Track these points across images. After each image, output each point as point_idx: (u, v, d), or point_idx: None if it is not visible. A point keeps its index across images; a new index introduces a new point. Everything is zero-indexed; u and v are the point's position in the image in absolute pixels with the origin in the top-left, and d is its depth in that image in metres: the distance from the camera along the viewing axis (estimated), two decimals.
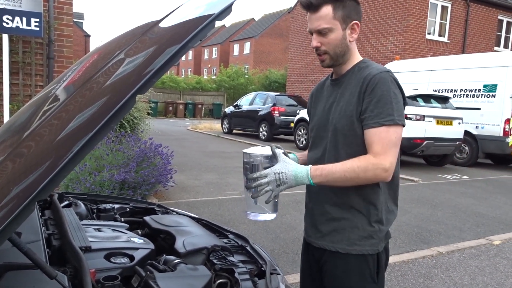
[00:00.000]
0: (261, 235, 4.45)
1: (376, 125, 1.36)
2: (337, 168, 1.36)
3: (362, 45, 17.63)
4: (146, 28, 1.28)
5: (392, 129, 1.37)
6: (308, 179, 1.35)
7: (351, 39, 1.49)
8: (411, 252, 4.23)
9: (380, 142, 1.36)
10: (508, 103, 9.65)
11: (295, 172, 1.34)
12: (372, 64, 1.49)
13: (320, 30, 1.43)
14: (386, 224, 1.49)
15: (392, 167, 1.37)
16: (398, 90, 1.42)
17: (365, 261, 1.45)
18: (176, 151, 7.26)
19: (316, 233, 1.53)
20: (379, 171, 1.35)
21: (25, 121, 1.31)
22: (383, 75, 1.40)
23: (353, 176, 1.35)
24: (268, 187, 1.33)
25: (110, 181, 4.67)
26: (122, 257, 1.33)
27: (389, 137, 1.36)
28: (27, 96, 5.75)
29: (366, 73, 1.43)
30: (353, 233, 1.45)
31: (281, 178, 1.33)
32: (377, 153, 1.35)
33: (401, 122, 1.39)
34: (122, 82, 1.02)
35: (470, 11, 17.25)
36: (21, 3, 5.28)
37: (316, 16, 1.44)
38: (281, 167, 1.34)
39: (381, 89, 1.38)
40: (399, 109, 1.39)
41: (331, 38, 1.45)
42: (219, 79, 33.98)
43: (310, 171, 1.35)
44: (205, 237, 1.58)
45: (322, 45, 1.45)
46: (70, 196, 1.96)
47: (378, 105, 1.37)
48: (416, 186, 7.66)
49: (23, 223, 0.90)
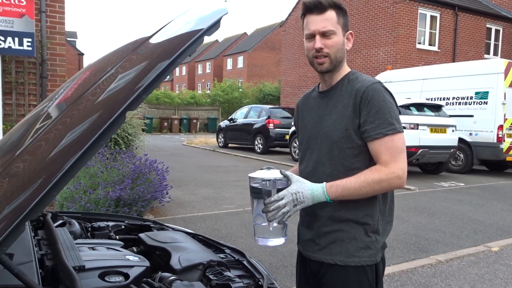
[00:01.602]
0: (258, 248, 4.41)
1: (380, 136, 1.39)
2: (352, 183, 1.37)
3: (354, 56, 17.81)
4: (137, 44, 1.29)
5: (396, 137, 1.40)
6: (325, 196, 1.37)
7: (347, 47, 1.54)
8: (410, 262, 4.21)
9: (388, 151, 1.39)
10: (500, 110, 9.74)
11: (311, 190, 1.36)
12: (362, 75, 1.52)
13: (325, 31, 1.46)
14: (383, 234, 1.49)
15: (405, 173, 1.40)
16: (392, 98, 1.46)
17: (364, 272, 1.45)
18: (172, 167, 7.24)
19: (313, 247, 1.52)
20: (393, 179, 1.38)
21: (17, 139, 1.30)
22: (375, 86, 1.43)
23: (368, 189, 1.38)
24: (285, 208, 1.34)
25: (105, 199, 4.64)
26: (116, 276, 1.31)
27: (396, 145, 1.40)
28: (21, 116, 5.73)
29: (358, 85, 1.45)
30: (351, 244, 1.45)
31: (298, 198, 1.35)
32: (387, 162, 1.38)
33: (401, 130, 1.44)
34: (113, 99, 1.02)
35: (458, 20, 17.52)
36: (13, 24, 5.30)
37: (322, 18, 1.47)
38: (297, 187, 1.36)
39: (377, 100, 1.40)
40: (397, 117, 1.43)
41: (334, 41, 1.47)
42: (213, 93, 34.10)
43: (326, 188, 1.37)
44: (201, 252, 1.56)
45: (325, 47, 1.47)
46: (64, 215, 1.94)
47: (378, 116, 1.40)
48: (413, 195, 7.66)
49: (15, 243, 0.88)
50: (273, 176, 1.39)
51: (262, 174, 1.41)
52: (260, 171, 1.43)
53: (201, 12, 1.23)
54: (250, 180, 1.41)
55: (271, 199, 1.34)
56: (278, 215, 1.33)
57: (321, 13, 1.46)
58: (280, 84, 24.18)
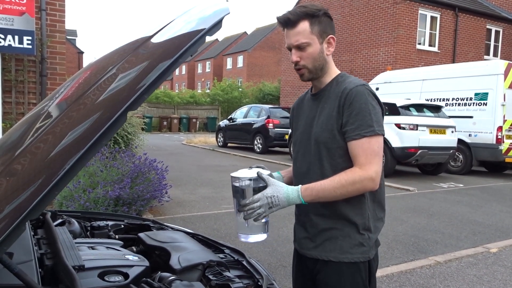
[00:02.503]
0: (258, 248, 4.41)
1: (358, 137, 1.42)
2: (326, 185, 1.41)
3: (354, 56, 17.81)
4: (138, 43, 1.28)
5: (373, 140, 1.42)
6: (300, 199, 1.41)
7: (328, 52, 1.54)
8: (409, 262, 4.21)
9: (364, 153, 1.42)
10: (499, 111, 9.74)
11: (286, 194, 1.40)
12: (349, 77, 1.54)
13: (298, 45, 1.49)
14: (375, 232, 1.53)
15: (378, 175, 1.43)
16: (375, 101, 1.47)
17: (357, 268, 1.49)
18: (171, 166, 7.23)
19: (309, 244, 1.56)
20: (366, 181, 1.41)
21: (18, 138, 1.30)
22: (359, 88, 1.45)
23: (342, 191, 1.41)
24: (260, 210, 1.39)
25: (104, 198, 4.63)
26: (116, 275, 1.31)
27: (372, 147, 1.42)
28: (20, 114, 5.72)
29: (343, 87, 1.49)
30: (345, 241, 1.49)
31: (273, 201, 1.39)
32: (362, 164, 1.41)
33: (381, 132, 1.45)
34: (114, 98, 1.02)
35: (459, 21, 17.53)
36: (13, 22, 5.29)
37: (294, 32, 1.49)
38: (272, 191, 1.40)
39: (359, 102, 1.43)
40: (378, 120, 1.44)
41: (309, 52, 1.50)
42: (213, 92, 34.10)
43: (300, 191, 1.41)
44: (201, 252, 1.56)
45: (301, 60, 1.51)
46: (63, 214, 1.94)
47: (358, 118, 1.43)
48: (412, 196, 7.66)
49: (14, 243, 0.88)
50: (250, 175, 1.44)
51: (241, 174, 1.45)
52: (241, 170, 1.48)
53: (203, 11, 1.22)
54: (232, 179, 1.46)
55: (246, 201, 1.39)
56: (253, 215, 1.39)
57: (293, 27, 1.49)
58: (280, 83, 24.17)
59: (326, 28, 1.52)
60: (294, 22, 1.49)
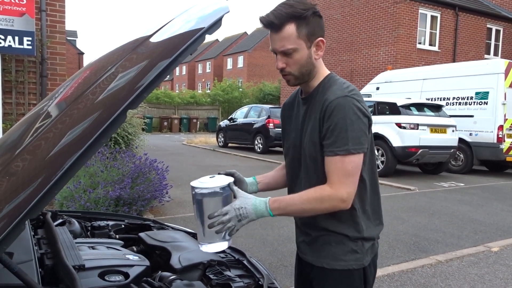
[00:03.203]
0: (258, 248, 4.41)
1: (331, 154, 1.34)
2: (294, 200, 1.35)
3: (355, 56, 17.81)
4: (137, 42, 1.28)
5: (347, 159, 1.32)
6: (268, 212, 1.33)
7: (317, 56, 1.42)
8: (410, 262, 4.21)
9: (336, 172, 1.33)
10: (500, 110, 9.73)
11: (254, 206, 1.33)
12: (335, 83, 1.42)
13: (284, 51, 1.37)
14: (370, 239, 1.47)
15: (350, 196, 1.34)
16: (357, 115, 1.34)
17: (350, 276, 1.44)
18: (172, 166, 7.23)
19: (305, 249, 1.53)
20: (336, 202, 1.33)
21: (17, 138, 1.30)
22: (339, 101, 1.34)
23: (310, 208, 1.34)
24: (230, 224, 1.31)
25: (105, 198, 4.63)
26: (116, 275, 1.30)
27: (345, 167, 1.33)
28: (21, 115, 5.73)
29: (325, 97, 1.39)
30: (338, 248, 1.44)
31: (242, 213, 1.31)
32: (333, 183, 1.33)
33: (357, 151, 1.33)
34: (114, 97, 1.02)
35: (459, 20, 17.51)
36: (14, 23, 5.30)
37: (279, 37, 1.37)
38: (240, 203, 1.32)
39: (336, 117, 1.33)
40: (355, 137, 1.33)
41: (296, 59, 1.38)
42: (214, 93, 34.10)
43: (268, 204, 1.34)
44: (201, 252, 1.56)
45: (287, 66, 1.40)
46: (64, 214, 1.94)
47: (333, 133, 1.34)
48: (413, 195, 7.65)
49: (15, 242, 0.88)
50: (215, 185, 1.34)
51: (206, 184, 1.35)
52: (204, 179, 1.38)
53: (202, 10, 1.22)
54: (192, 190, 1.35)
55: (214, 214, 1.31)
56: (223, 230, 1.31)
57: (278, 32, 1.36)
58: (280, 83, 24.19)
59: (315, 30, 1.39)
60: (279, 26, 1.35)
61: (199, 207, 1.33)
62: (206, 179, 1.37)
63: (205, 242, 1.34)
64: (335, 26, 18.56)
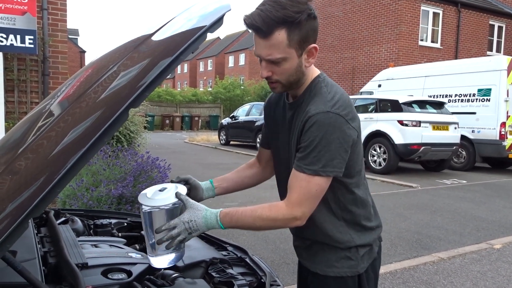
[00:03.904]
0: (261, 246, 4.42)
1: (298, 169, 1.25)
2: (246, 215, 1.28)
3: (356, 54, 17.77)
4: (139, 41, 1.28)
5: (313, 180, 1.23)
6: (218, 225, 1.27)
7: (308, 64, 1.28)
8: (412, 259, 4.21)
9: (298, 191, 1.25)
10: (503, 107, 9.70)
11: (204, 219, 1.26)
12: (320, 91, 1.30)
13: (271, 60, 1.23)
14: (364, 246, 1.42)
15: (305, 215, 1.27)
16: (335, 136, 1.22)
17: (344, 283, 1.39)
18: (174, 164, 7.23)
19: (301, 253, 1.51)
20: (289, 221, 1.27)
21: (20, 137, 1.30)
22: (320, 117, 1.22)
23: (262, 225, 1.28)
24: (180, 237, 1.24)
25: (107, 196, 4.64)
26: (119, 273, 1.31)
27: (309, 188, 1.24)
28: (23, 114, 5.74)
29: (307, 108, 1.27)
30: (332, 254, 1.40)
31: (191, 226, 1.24)
32: (291, 202, 1.26)
33: (326, 174, 1.24)
34: (116, 96, 1.02)
35: (461, 16, 17.45)
36: (15, 21, 5.30)
37: (267, 44, 1.20)
38: (190, 216, 1.24)
39: (313, 134, 1.22)
40: (328, 159, 1.22)
41: (284, 68, 1.24)
42: (215, 91, 34.07)
43: (219, 217, 1.27)
44: (204, 250, 1.56)
45: (274, 74, 1.27)
46: (66, 213, 1.94)
47: (306, 150, 1.24)
48: (415, 192, 7.65)
49: (18, 240, 0.89)
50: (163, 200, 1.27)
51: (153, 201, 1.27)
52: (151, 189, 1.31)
53: (204, 9, 1.22)
54: (140, 198, 1.30)
55: (162, 228, 1.23)
56: (173, 244, 1.24)
57: (266, 38, 1.19)
58: None
59: (308, 36, 1.22)
60: (268, 33, 1.18)
61: (146, 221, 1.28)
62: (155, 193, 1.30)
63: (153, 255, 1.29)
64: (337, 23, 18.52)
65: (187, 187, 1.43)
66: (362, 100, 10.76)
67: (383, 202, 6.57)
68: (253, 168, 1.66)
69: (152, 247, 1.28)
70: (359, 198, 1.40)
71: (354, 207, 1.39)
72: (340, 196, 1.37)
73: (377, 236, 1.47)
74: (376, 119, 9.70)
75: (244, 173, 1.64)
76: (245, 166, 1.67)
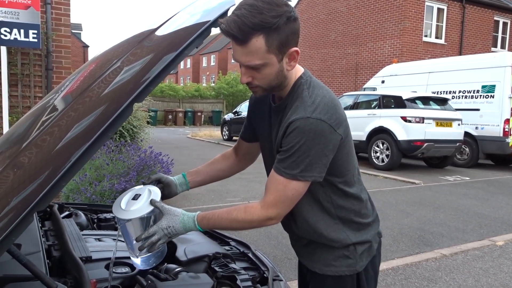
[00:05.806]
0: (263, 241, 4.43)
1: (277, 171, 1.25)
2: (222, 218, 1.29)
3: (360, 49, 17.70)
4: (142, 36, 1.28)
5: (291, 185, 1.24)
6: (196, 227, 1.29)
7: (289, 67, 1.25)
8: (415, 255, 4.21)
9: (274, 193, 1.26)
10: (507, 103, 9.65)
11: (182, 223, 1.27)
12: (302, 95, 1.27)
13: (250, 66, 1.20)
14: (363, 243, 1.41)
15: (280, 215, 1.29)
16: (316, 141, 1.20)
17: (343, 282, 1.39)
18: (176, 159, 7.25)
19: (300, 251, 1.51)
20: (264, 221, 1.28)
21: (24, 131, 1.31)
22: (300, 123, 1.20)
23: (239, 226, 1.30)
24: (160, 242, 1.26)
25: (110, 191, 4.67)
26: (123, 267, 1.32)
27: (286, 192, 1.25)
28: (26, 108, 5.76)
29: (291, 112, 1.26)
30: (329, 253, 1.40)
31: (170, 232, 1.26)
32: (266, 203, 1.26)
33: (304, 179, 1.23)
34: (120, 91, 1.02)
35: (466, 12, 17.34)
36: (19, 16, 5.30)
37: (245, 51, 1.16)
38: (167, 222, 1.26)
39: (293, 140, 1.21)
40: (308, 164, 1.22)
41: (265, 73, 1.22)
42: (218, 86, 34.04)
43: (197, 220, 1.29)
44: (207, 244, 1.57)
45: (254, 80, 1.24)
46: (70, 207, 1.96)
47: (286, 154, 1.23)
48: (418, 189, 7.64)
49: (23, 234, 0.89)
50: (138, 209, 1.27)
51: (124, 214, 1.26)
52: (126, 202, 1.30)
53: (208, 3, 1.22)
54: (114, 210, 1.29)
55: (142, 236, 1.24)
56: (155, 248, 1.27)
57: (243, 45, 1.15)
58: None
59: (288, 40, 1.18)
60: (244, 40, 1.13)
61: (124, 231, 1.29)
62: (129, 202, 1.30)
63: (135, 257, 1.31)
64: (340, 19, 18.43)
65: (160, 186, 1.44)
66: (365, 96, 10.73)
67: (386, 198, 6.57)
68: (229, 160, 1.65)
69: (133, 250, 1.30)
70: (352, 195, 1.39)
71: (348, 205, 1.39)
72: (332, 195, 1.36)
73: (375, 232, 1.46)
74: (379, 115, 9.67)
75: (219, 166, 1.63)
76: (220, 157, 1.65)
